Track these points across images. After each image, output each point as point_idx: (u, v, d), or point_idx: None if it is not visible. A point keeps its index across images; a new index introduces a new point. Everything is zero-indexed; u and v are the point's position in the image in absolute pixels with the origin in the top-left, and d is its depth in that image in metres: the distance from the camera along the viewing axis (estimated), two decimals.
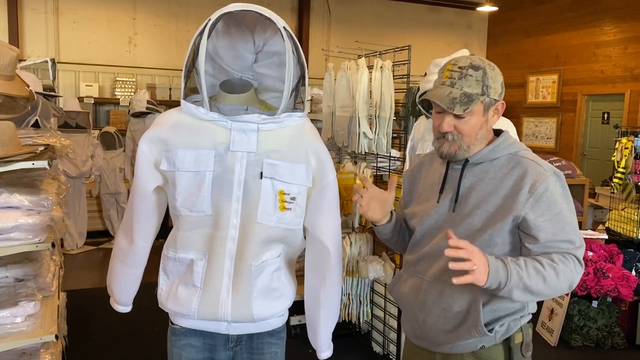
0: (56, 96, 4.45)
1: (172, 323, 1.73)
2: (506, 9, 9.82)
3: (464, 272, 1.39)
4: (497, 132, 1.67)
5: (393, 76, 3.29)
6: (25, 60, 5.81)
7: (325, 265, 1.74)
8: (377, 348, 3.73)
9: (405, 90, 3.49)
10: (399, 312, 3.37)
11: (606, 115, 8.42)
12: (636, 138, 4.36)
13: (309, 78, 1.72)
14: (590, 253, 4.06)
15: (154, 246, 1.80)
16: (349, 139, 3.51)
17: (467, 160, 1.62)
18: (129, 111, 6.74)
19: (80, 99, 7.06)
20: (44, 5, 7.67)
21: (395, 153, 3.71)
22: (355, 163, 3.63)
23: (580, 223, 5.62)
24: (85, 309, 4.27)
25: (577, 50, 8.76)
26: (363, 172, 3.45)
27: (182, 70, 1.63)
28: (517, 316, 1.61)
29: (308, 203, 1.68)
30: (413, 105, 3.61)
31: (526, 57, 9.70)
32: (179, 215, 1.63)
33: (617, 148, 4.51)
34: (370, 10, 9.64)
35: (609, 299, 4.01)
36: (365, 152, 3.46)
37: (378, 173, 3.73)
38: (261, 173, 1.59)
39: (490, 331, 1.56)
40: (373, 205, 1.70)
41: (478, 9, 9.55)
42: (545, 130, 9.38)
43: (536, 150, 1.68)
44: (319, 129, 3.70)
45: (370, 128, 3.39)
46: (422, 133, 3.14)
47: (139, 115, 6.54)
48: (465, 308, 1.57)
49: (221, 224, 1.59)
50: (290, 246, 1.71)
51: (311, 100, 4.69)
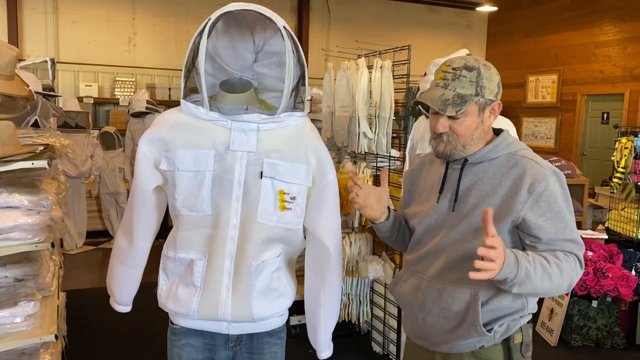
0: (56, 96, 4.45)
1: (172, 323, 1.73)
2: (506, 9, 9.83)
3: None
4: (498, 132, 1.67)
5: (393, 76, 3.29)
6: (24, 60, 5.81)
7: (325, 265, 1.74)
8: (377, 348, 3.72)
9: (405, 90, 3.48)
10: (399, 312, 3.37)
11: (606, 115, 8.42)
12: (636, 138, 4.37)
13: (309, 78, 1.72)
14: (590, 253, 4.06)
15: (154, 246, 1.80)
16: (349, 139, 3.51)
17: (467, 160, 1.62)
18: (129, 111, 6.74)
19: (79, 99, 7.06)
20: (44, 5, 7.67)
21: (395, 153, 3.71)
22: (355, 163, 3.63)
23: (579, 223, 5.63)
24: (84, 309, 4.26)
25: (577, 50, 8.77)
26: (363, 172, 3.45)
27: (182, 70, 1.63)
28: (517, 316, 1.60)
29: (308, 203, 1.68)
30: (413, 105, 3.61)
31: (526, 57, 9.70)
32: (179, 215, 1.62)
33: (617, 148, 4.51)
34: (369, 10, 9.64)
35: (609, 299, 4.01)
36: (365, 152, 3.46)
37: (378, 173, 3.73)
38: (261, 173, 1.59)
39: (489, 331, 1.55)
40: (370, 201, 1.70)
41: (478, 9, 9.56)
42: (544, 130, 9.39)
43: (536, 150, 1.67)
44: (319, 129, 3.69)
45: (370, 128, 3.39)
46: (422, 133, 3.14)
47: (139, 115, 6.53)
48: (464, 308, 1.57)
49: (221, 224, 1.59)
50: (290, 246, 1.71)
51: (311, 100, 4.69)
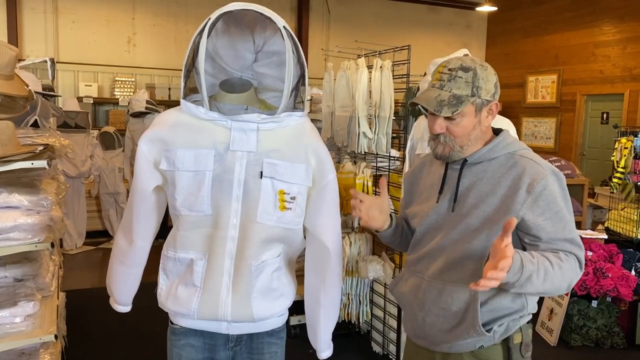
0: (55, 96, 4.45)
1: (172, 323, 1.73)
2: (505, 9, 9.83)
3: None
4: (498, 132, 1.67)
5: (393, 76, 3.29)
6: (24, 60, 5.81)
7: (325, 265, 1.74)
8: (377, 348, 3.72)
9: (404, 90, 3.48)
10: (399, 312, 3.37)
11: (605, 115, 8.42)
12: (635, 138, 4.37)
13: (309, 78, 1.72)
14: (589, 253, 4.06)
15: (154, 246, 1.79)
16: (349, 139, 3.51)
17: (466, 160, 1.62)
18: (128, 111, 6.74)
19: (79, 99, 7.06)
20: (43, 4, 7.66)
21: (394, 153, 3.71)
22: (354, 163, 3.63)
23: (579, 223, 5.63)
24: (84, 309, 4.26)
25: (577, 50, 8.77)
26: (363, 172, 3.45)
27: (182, 69, 1.63)
28: (517, 316, 1.60)
29: (308, 203, 1.68)
30: (410, 106, 3.61)
31: (525, 57, 9.70)
32: (179, 215, 1.62)
33: (617, 148, 4.51)
34: (369, 10, 9.64)
35: (609, 299, 4.01)
36: (364, 152, 3.46)
37: (378, 173, 3.73)
38: (261, 172, 1.58)
39: (488, 331, 1.55)
40: (372, 213, 1.71)
41: (477, 9, 9.56)
42: (544, 130, 9.39)
43: (535, 150, 1.67)
44: (319, 129, 3.69)
45: (369, 128, 3.39)
46: (422, 133, 3.14)
47: (138, 115, 6.53)
48: (463, 308, 1.57)
49: (221, 224, 1.59)
50: (290, 246, 1.71)
51: (311, 100, 4.69)
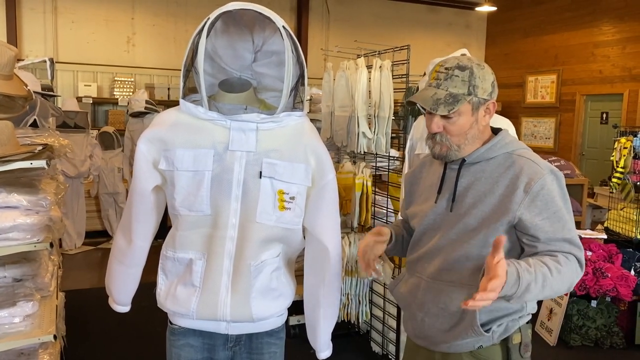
0: (55, 96, 4.44)
1: (171, 323, 1.73)
2: (505, 9, 9.83)
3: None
4: (497, 132, 1.66)
5: (392, 76, 3.28)
6: (23, 59, 5.80)
7: (324, 265, 1.73)
8: (376, 348, 3.72)
9: (404, 89, 3.48)
10: (398, 312, 3.37)
11: (605, 115, 8.42)
12: (635, 138, 4.37)
13: (308, 78, 1.71)
14: (589, 253, 4.06)
15: (153, 246, 1.79)
16: (348, 139, 3.51)
17: (464, 160, 1.62)
18: (128, 111, 6.73)
19: (78, 99, 7.06)
20: (43, 4, 7.66)
21: (394, 153, 3.71)
22: (354, 163, 3.63)
23: (579, 223, 5.63)
24: (83, 309, 4.26)
25: (576, 50, 8.77)
26: (362, 172, 3.45)
27: (181, 69, 1.63)
28: (516, 316, 1.60)
29: (307, 203, 1.67)
30: (407, 104, 3.60)
31: (525, 57, 9.70)
32: (178, 214, 1.62)
33: (616, 148, 4.52)
34: (369, 10, 9.64)
35: (608, 299, 4.01)
36: (364, 152, 3.46)
37: (377, 173, 3.73)
38: (260, 172, 1.58)
39: (487, 331, 1.55)
40: (376, 248, 1.71)
41: (477, 9, 9.55)
42: (543, 130, 9.39)
43: (535, 150, 1.66)
44: (318, 129, 3.69)
45: (369, 128, 3.39)
46: (421, 133, 3.14)
47: (138, 115, 6.52)
48: (461, 307, 1.56)
49: (220, 224, 1.59)
50: (289, 246, 1.71)
51: (310, 100, 4.68)
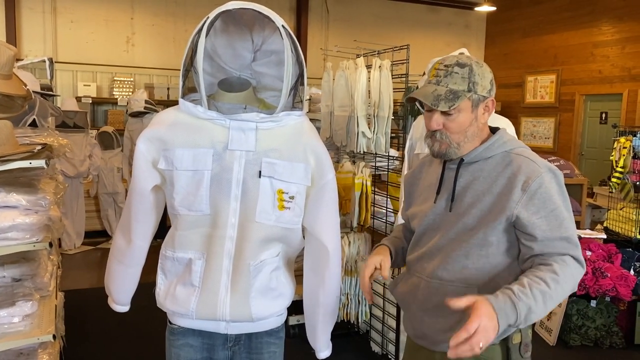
0: (54, 95, 4.44)
1: (171, 322, 1.72)
2: (504, 9, 9.83)
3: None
4: (495, 131, 1.66)
5: (391, 75, 3.28)
6: (22, 59, 5.79)
7: (324, 264, 1.73)
8: (376, 348, 3.72)
9: (403, 89, 3.48)
10: (398, 312, 3.37)
11: (604, 115, 8.43)
12: (634, 137, 4.37)
13: (307, 77, 1.71)
14: (588, 253, 4.06)
15: (152, 246, 1.79)
16: (348, 139, 3.51)
17: (462, 159, 1.61)
18: (127, 111, 6.73)
19: (78, 99, 7.05)
20: (42, 4, 7.65)
21: (393, 152, 3.71)
22: (353, 162, 3.63)
23: (578, 223, 5.63)
24: (83, 309, 4.26)
25: (575, 50, 8.77)
26: (361, 172, 3.45)
27: (180, 69, 1.62)
28: None
29: (307, 202, 1.67)
30: (406, 102, 3.60)
31: (524, 57, 9.70)
32: (177, 214, 1.62)
33: (616, 148, 4.52)
34: (368, 9, 9.64)
35: (608, 299, 4.01)
36: (363, 152, 3.46)
37: (376, 172, 3.73)
38: (260, 172, 1.58)
39: None
40: (383, 265, 1.71)
41: (476, 9, 9.56)
42: (543, 130, 9.39)
43: (534, 150, 1.66)
44: (318, 129, 3.69)
45: (368, 127, 3.38)
46: (421, 132, 3.13)
47: (137, 115, 6.52)
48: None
49: (219, 223, 1.59)
50: (289, 246, 1.71)
51: (309, 99, 4.68)
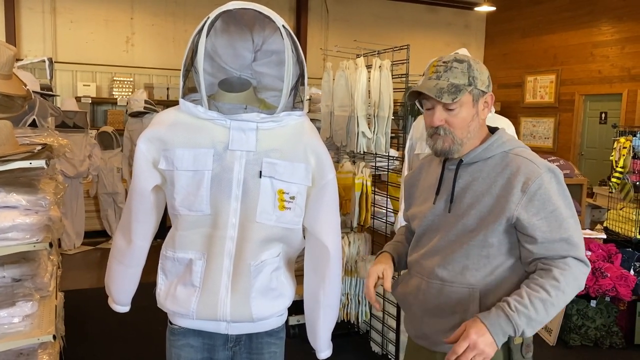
0: (54, 95, 4.44)
1: (171, 323, 1.72)
2: (504, 9, 9.83)
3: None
4: (494, 131, 1.66)
5: (392, 75, 3.28)
6: (22, 59, 5.79)
7: (324, 264, 1.73)
8: (376, 348, 3.72)
9: (403, 89, 3.48)
10: (398, 312, 3.37)
11: (604, 115, 8.43)
12: (634, 137, 4.37)
13: (307, 77, 1.71)
14: (588, 253, 4.07)
15: (153, 246, 1.79)
16: (348, 139, 3.51)
17: (462, 160, 1.61)
18: (127, 111, 6.73)
19: (77, 99, 7.05)
20: (41, 4, 7.65)
21: (393, 152, 3.71)
22: (353, 162, 3.63)
23: None
24: (82, 309, 4.25)
25: (575, 50, 8.77)
26: (361, 172, 3.45)
27: (181, 69, 1.62)
28: None
29: (307, 202, 1.67)
30: (412, 104, 3.60)
31: (524, 57, 9.71)
32: (178, 214, 1.62)
33: (616, 148, 4.52)
34: (368, 9, 9.64)
35: (608, 299, 4.01)
36: (363, 152, 3.46)
37: (376, 172, 3.73)
38: (260, 172, 1.58)
39: None
40: (385, 274, 1.72)
41: (476, 9, 9.56)
42: (542, 130, 9.40)
43: (534, 150, 1.66)
44: (317, 129, 3.69)
45: (368, 127, 3.38)
46: (421, 132, 3.14)
47: (137, 115, 6.52)
48: (462, 308, 1.56)
49: (220, 224, 1.59)
50: (289, 246, 1.71)
51: (309, 99, 4.68)
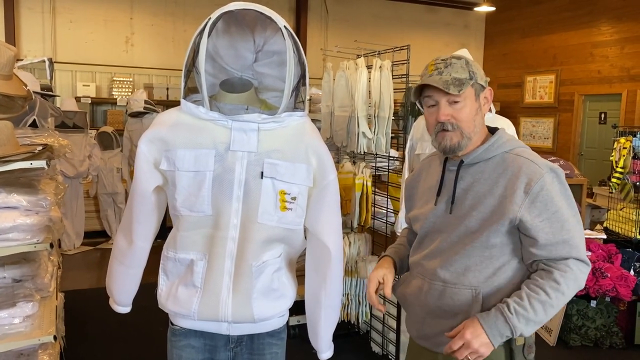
0: (54, 96, 4.43)
1: (172, 324, 1.72)
2: (503, 9, 9.83)
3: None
4: (494, 131, 1.65)
5: (392, 76, 3.28)
6: (22, 60, 5.79)
7: (326, 265, 1.73)
8: (376, 348, 3.72)
9: (404, 90, 3.48)
10: (398, 312, 3.37)
11: (603, 115, 8.43)
12: (634, 138, 4.37)
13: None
14: (588, 253, 4.07)
15: (154, 246, 1.79)
16: (348, 139, 3.51)
17: (462, 161, 1.61)
18: (127, 111, 6.72)
19: (77, 99, 7.05)
20: (41, 4, 7.64)
21: (394, 153, 3.71)
22: (354, 163, 3.63)
23: None
24: (83, 310, 4.25)
25: (575, 50, 8.77)
26: (362, 172, 3.44)
27: (182, 69, 1.62)
28: None
29: (309, 203, 1.67)
30: (412, 104, 3.61)
31: (523, 57, 9.71)
32: (179, 215, 1.62)
33: (616, 148, 4.52)
34: (367, 10, 9.64)
35: (608, 299, 4.01)
36: (364, 152, 3.46)
37: (377, 173, 3.73)
38: (262, 173, 1.58)
39: None
40: (386, 279, 1.72)
41: (475, 9, 9.56)
42: (542, 130, 9.40)
43: (533, 150, 1.65)
44: (318, 129, 3.69)
45: (369, 128, 3.38)
46: (421, 133, 3.14)
47: (137, 115, 6.51)
48: (465, 309, 1.56)
49: (221, 224, 1.58)
50: (290, 246, 1.71)
51: (310, 100, 4.68)
